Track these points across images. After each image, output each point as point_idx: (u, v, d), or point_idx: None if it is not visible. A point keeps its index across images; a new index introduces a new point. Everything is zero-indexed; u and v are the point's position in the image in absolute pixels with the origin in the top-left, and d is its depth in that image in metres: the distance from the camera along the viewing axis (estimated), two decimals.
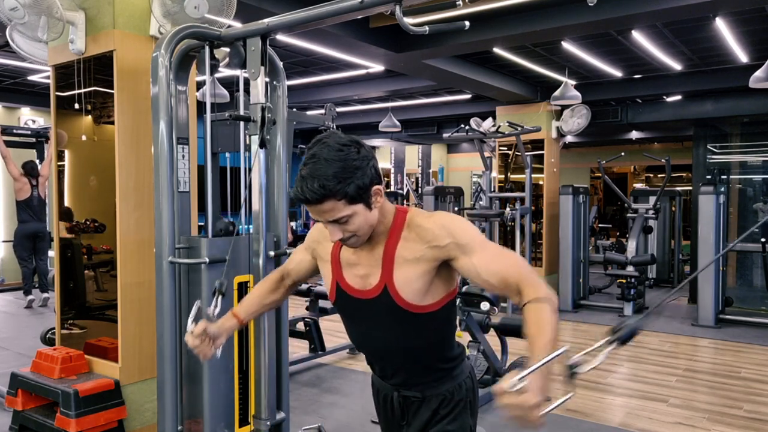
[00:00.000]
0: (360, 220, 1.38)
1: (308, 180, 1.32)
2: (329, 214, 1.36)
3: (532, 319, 1.26)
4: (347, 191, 1.33)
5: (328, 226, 1.40)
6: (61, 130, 3.52)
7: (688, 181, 11.02)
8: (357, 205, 1.36)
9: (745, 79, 5.74)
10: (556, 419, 3.90)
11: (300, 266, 1.73)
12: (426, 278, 1.43)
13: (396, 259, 1.44)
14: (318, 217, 1.40)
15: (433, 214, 1.47)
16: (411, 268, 1.43)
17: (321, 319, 5.14)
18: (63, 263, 3.46)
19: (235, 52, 2.57)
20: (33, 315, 7.02)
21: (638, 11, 4.66)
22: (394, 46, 5.67)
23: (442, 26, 2.15)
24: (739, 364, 5.23)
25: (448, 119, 10.82)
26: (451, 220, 1.44)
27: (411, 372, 1.57)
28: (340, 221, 1.37)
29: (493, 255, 1.40)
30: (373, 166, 1.39)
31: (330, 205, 1.34)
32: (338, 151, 1.34)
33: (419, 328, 1.49)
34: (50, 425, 3.03)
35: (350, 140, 1.38)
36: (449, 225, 1.42)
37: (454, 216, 1.48)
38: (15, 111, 9.26)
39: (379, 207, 1.42)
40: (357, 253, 1.50)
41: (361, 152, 1.37)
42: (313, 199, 1.33)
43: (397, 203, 10.04)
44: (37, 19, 3.00)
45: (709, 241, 6.68)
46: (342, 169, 1.32)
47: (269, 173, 2.77)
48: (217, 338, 1.63)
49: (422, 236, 1.42)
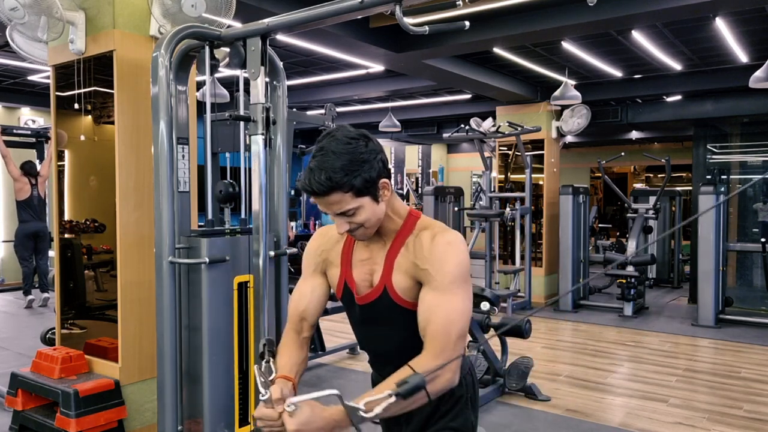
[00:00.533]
0: (367, 212, 1.39)
1: (316, 172, 1.34)
2: (336, 206, 1.37)
3: (396, 373, 1.33)
4: (354, 184, 1.34)
5: (335, 218, 1.42)
6: (61, 130, 3.52)
7: (688, 181, 11.02)
8: (364, 198, 1.37)
9: (745, 79, 5.74)
10: (556, 419, 3.90)
11: (314, 296, 1.60)
12: (416, 289, 1.44)
13: (395, 264, 1.46)
14: (325, 209, 1.41)
15: (438, 235, 1.42)
16: (403, 277, 1.45)
17: (321, 319, 5.13)
18: (63, 263, 3.46)
19: (235, 52, 2.57)
20: (33, 315, 7.02)
21: (638, 11, 4.66)
22: (394, 46, 5.66)
23: (442, 26, 2.15)
24: (739, 364, 5.23)
25: (448, 119, 10.82)
26: (445, 249, 1.39)
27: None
28: (347, 213, 1.38)
29: (443, 303, 1.36)
30: (381, 159, 1.40)
31: (337, 197, 1.35)
32: (346, 144, 1.35)
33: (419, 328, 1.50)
34: (50, 425, 3.03)
35: (359, 134, 1.39)
36: (438, 253, 1.39)
37: (454, 247, 1.40)
38: (15, 111, 9.26)
39: (387, 201, 1.43)
40: (369, 247, 1.51)
41: (369, 146, 1.38)
42: (320, 191, 1.34)
43: None
44: (37, 19, 3.00)
45: (709, 241, 6.68)
46: (350, 162, 1.34)
47: (269, 173, 2.78)
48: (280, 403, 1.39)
49: (416, 250, 1.43)
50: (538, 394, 4.23)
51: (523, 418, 3.91)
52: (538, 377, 4.42)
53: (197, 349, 2.65)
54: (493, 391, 4.21)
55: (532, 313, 7.28)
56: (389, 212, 1.46)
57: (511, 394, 4.28)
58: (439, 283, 1.38)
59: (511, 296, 7.32)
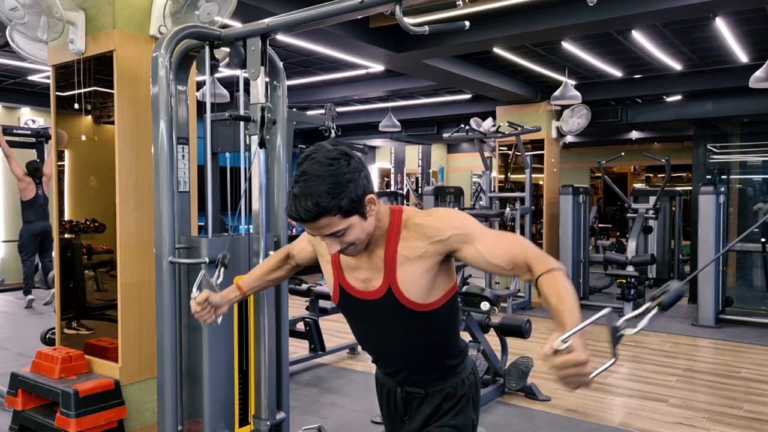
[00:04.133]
0: (356, 230, 1.38)
1: (301, 199, 1.32)
2: (326, 229, 1.36)
3: (550, 291, 1.29)
4: (342, 206, 1.33)
5: (325, 240, 1.40)
6: (61, 130, 3.52)
7: (688, 181, 11.02)
8: (352, 218, 1.36)
9: (745, 79, 5.74)
10: (556, 419, 3.90)
11: (303, 253, 1.76)
12: (430, 274, 1.44)
13: (398, 259, 1.45)
14: (314, 233, 1.40)
15: (431, 211, 1.50)
16: (414, 266, 1.44)
17: (321, 319, 5.14)
18: (63, 263, 3.46)
19: (235, 52, 2.57)
20: (33, 315, 7.02)
21: (638, 11, 4.66)
22: (394, 46, 5.67)
23: (442, 26, 2.16)
24: (739, 364, 5.23)
25: (448, 119, 10.82)
26: (448, 213, 1.47)
27: (416, 369, 1.58)
28: (336, 234, 1.37)
29: (496, 240, 1.42)
30: (365, 176, 1.39)
31: (326, 221, 1.34)
32: (329, 166, 1.33)
33: (424, 326, 1.51)
34: (50, 425, 3.03)
35: (339, 153, 1.36)
36: (448, 218, 1.44)
37: (451, 210, 1.52)
38: (15, 111, 9.26)
39: (375, 213, 1.43)
40: (356, 257, 1.50)
41: (351, 164, 1.36)
42: (308, 217, 1.33)
43: (397, 203, 10.05)
44: (37, 19, 3.00)
45: (709, 241, 6.68)
46: (334, 185, 1.32)
47: (269, 173, 2.78)
48: (219, 307, 1.73)
49: (423, 233, 1.43)
50: (538, 394, 4.23)
51: (523, 418, 3.91)
52: (538, 377, 4.42)
53: (197, 349, 2.65)
54: (493, 391, 4.21)
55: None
56: (376, 221, 1.45)
57: (511, 394, 4.28)
58: (475, 234, 1.42)
59: (511, 296, 7.32)
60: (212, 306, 1.71)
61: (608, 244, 10.86)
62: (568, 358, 1.11)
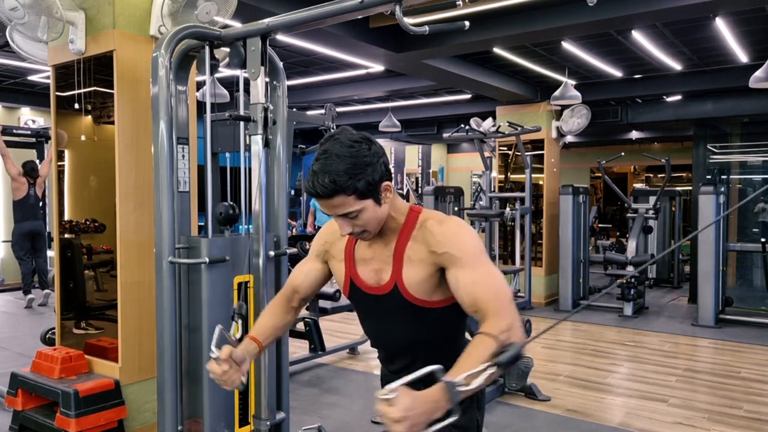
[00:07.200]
0: (369, 214, 1.41)
1: (320, 175, 1.36)
2: (339, 208, 1.39)
3: (469, 347, 1.26)
4: (357, 187, 1.36)
5: (338, 220, 1.44)
6: (61, 130, 3.52)
7: (688, 181, 11.02)
8: (367, 201, 1.39)
9: (745, 79, 5.74)
10: (556, 419, 3.90)
11: (308, 278, 1.69)
12: (431, 280, 1.45)
13: (404, 258, 1.47)
14: (328, 211, 1.43)
15: (444, 221, 1.47)
16: (416, 269, 1.46)
17: (321, 319, 5.14)
18: (63, 263, 3.46)
19: (235, 52, 2.57)
20: (33, 315, 7.02)
21: (638, 11, 4.66)
22: (394, 46, 5.66)
23: (442, 26, 2.16)
24: (739, 364, 5.23)
25: (448, 119, 10.81)
26: (457, 230, 1.44)
27: (421, 367, 1.58)
28: (349, 215, 1.41)
29: (480, 276, 1.38)
30: (384, 162, 1.42)
31: (340, 200, 1.37)
32: (350, 148, 1.37)
33: (431, 323, 1.52)
34: (50, 425, 3.03)
35: (361, 137, 1.41)
36: (453, 234, 1.43)
37: (464, 227, 1.46)
38: (15, 111, 9.26)
39: (389, 203, 1.45)
40: (372, 247, 1.53)
41: (372, 149, 1.40)
42: (324, 193, 1.36)
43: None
44: (37, 19, 3.00)
45: (709, 241, 6.68)
46: (353, 165, 1.36)
47: (269, 173, 2.77)
48: (243, 363, 1.55)
49: (427, 240, 1.45)
50: (538, 394, 4.23)
51: (523, 418, 3.91)
52: (538, 377, 4.42)
53: (197, 349, 2.65)
54: (493, 391, 4.21)
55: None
56: (392, 212, 1.48)
57: (511, 394, 4.28)
58: (465, 261, 1.39)
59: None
60: (237, 362, 1.53)
61: (608, 244, 10.86)
62: (386, 410, 1.12)
